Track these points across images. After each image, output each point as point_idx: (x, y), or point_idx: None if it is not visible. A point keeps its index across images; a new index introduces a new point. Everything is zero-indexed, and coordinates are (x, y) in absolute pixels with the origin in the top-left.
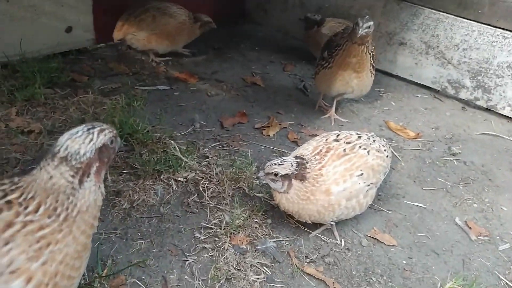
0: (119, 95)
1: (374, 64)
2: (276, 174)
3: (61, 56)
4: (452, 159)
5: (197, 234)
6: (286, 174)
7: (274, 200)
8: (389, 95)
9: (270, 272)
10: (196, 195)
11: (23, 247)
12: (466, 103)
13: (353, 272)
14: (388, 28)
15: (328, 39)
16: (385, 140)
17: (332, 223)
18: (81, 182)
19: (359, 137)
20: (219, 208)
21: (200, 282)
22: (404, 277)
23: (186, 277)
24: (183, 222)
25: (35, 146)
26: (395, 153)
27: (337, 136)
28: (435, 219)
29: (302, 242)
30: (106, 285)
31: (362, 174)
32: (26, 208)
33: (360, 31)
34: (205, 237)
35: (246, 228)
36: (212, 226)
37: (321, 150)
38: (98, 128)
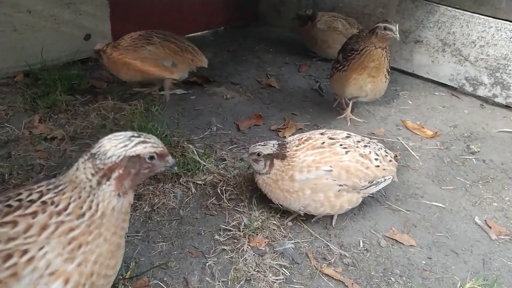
0: (137, 100)
1: (389, 69)
2: (259, 154)
3: (80, 63)
4: (471, 157)
5: (217, 236)
6: (269, 154)
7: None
8: (405, 93)
9: (289, 273)
10: (214, 197)
11: (58, 250)
12: (485, 100)
13: (372, 273)
14: (403, 26)
15: (344, 42)
16: (388, 152)
17: (301, 212)
18: (99, 183)
19: (348, 137)
20: (237, 210)
21: (220, 284)
22: (423, 277)
23: (207, 278)
24: (203, 225)
25: (58, 152)
26: (412, 153)
27: (325, 131)
28: (454, 219)
29: (320, 243)
30: (130, 287)
31: (331, 170)
32: (57, 206)
33: (397, 34)
34: (224, 239)
35: (264, 230)
36: (231, 228)
37: (302, 138)
38: (141, 139)
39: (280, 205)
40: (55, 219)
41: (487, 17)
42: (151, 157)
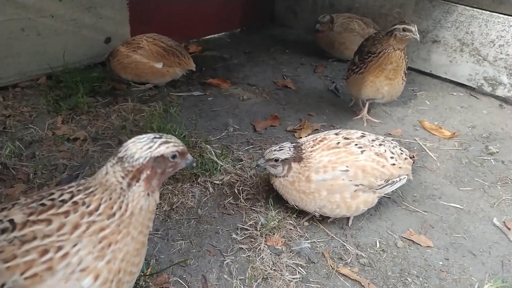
0: (156, 102)
1: (406, 71)
2: (276, 160)
3: (101, 66)
4: (489, 158)
5: (234, 235)
6: (286, 159)
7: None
8: (423, 94)
9: (305, 272)
10: (231, 197)
11: (89, 248)
12: (504, 100)
13: (389, 273)
14: (420, 26)
15: (360, 44)
16: (403, 150)
17: (316, 214)
18: (129, 185)
19: (362, 136)
20: (254, 210)
21: (238, 281)
22: (441, 278)
23: (224, 276)
24: (220, 224)
25: (80, 152)
26: (430, 153)
27: (340, 131)
28: (472, 220)
29: (336, 243)
30: (151, 283)
31: (347, 170)
32: (88, 206)
33: (417, 35)
34: (242, 238)
35: (281, 230)
36: (248, 228)
37: (316, 138)
38: (163, 140)
39: (296, 206)
40: (87, 219)
41: (507, 16)
42: (174, 156)
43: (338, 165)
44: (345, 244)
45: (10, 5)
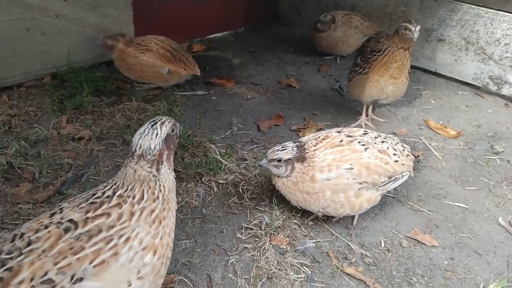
0: (160, 101)
1: (409, 70)
2: (279, 160)
3: (105, 65)
4: (495, 157)
5: (238, 235)
6: (289, 159)
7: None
8: (428, 93)
9: (310, 272)
10: (236, 196)
11: (147, 229)
12: (509, 99)
13: (394, 273)
14: (425, 25)
15: (361, 45)
16: (404, 147)
17: (319, 214)
18: (158, 169)
19: (365, 134)
20: (259, 209)
21: (243, 280)
22: (446, 278)
23: (229, 275)
24: (225, 223)
25: (85, 151)
26: (435, 153)
27: (342, 129)
28: (477, 220)
29: (341, 243)
30: None
31: (351, 168)
32: (134, 197)
33: (415, 36)
34: (246, 237)
35: (285, 229)
36: (253, 227)
37: (319, 137)
38: (159, 122)
39: (299, 206)
40: (137, 206)
41: None
42: (173, 129)
43: (343, 163)
44: (349, 243)
45: (15, 5)
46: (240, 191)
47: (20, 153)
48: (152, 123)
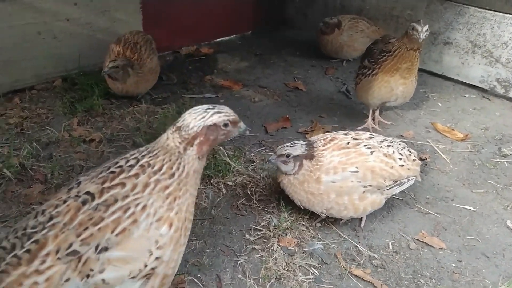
0: (169, 104)
1: (417, 72)
2: (288, 156)
3: None
4: (502, 160)
5: (247, 236)
6: (298, 155)
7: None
8: (435, 95)
9: (318, 273)
10: (244, 198)
11: (160, 203)
12: None
13: (401, 275)
14: (432, 28)
15: (367, 48)
16: (411, 152)
17: (323, 215)
18: (185, 149)
19: (371, 137)
20: (267, 210)
21: (252, 281)
22: (453, 280)
23: (238, 275)
24: (233, 224)
25: (96, 153)
26: (442, 155)
27: (348, 132)
28: (485, 222)
29: (349, 244)
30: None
31: (357, 171)
32: (153, 167)
33: (422, 36)
34: (255, 238)
35: (293, 230)
36: (261, 228)
37: (327, 137)
38: (215, 110)
39: (303, 206)
40: (153, 177)
41: None
42: (225, 124)
43: (348, 166)
44: (357, 245)
45: (27, 10)
46: (249, 192)
47: (32, 155)
48: (210, 107)
